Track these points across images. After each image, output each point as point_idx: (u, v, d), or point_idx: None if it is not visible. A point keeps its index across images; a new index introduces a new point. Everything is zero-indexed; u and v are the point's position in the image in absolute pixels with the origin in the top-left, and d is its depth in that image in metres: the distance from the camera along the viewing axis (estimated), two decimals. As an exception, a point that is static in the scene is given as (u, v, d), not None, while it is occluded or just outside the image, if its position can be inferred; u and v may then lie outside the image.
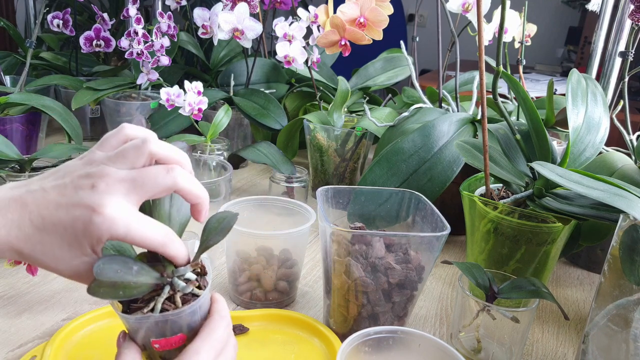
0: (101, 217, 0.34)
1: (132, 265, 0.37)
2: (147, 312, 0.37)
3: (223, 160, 0.80)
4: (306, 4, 1.26)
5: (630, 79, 0.81)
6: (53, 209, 0.35)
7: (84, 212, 0.35)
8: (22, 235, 0.35)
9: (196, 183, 0.40)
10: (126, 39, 1.07)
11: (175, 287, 0.39)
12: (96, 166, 0.37)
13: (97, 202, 0.35)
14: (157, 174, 0.37)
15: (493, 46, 0.78)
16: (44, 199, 0.36)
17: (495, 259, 0.65)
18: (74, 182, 0.36)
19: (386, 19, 0.89)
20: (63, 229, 0.35)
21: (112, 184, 0.36)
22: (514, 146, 0.67)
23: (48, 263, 0.36)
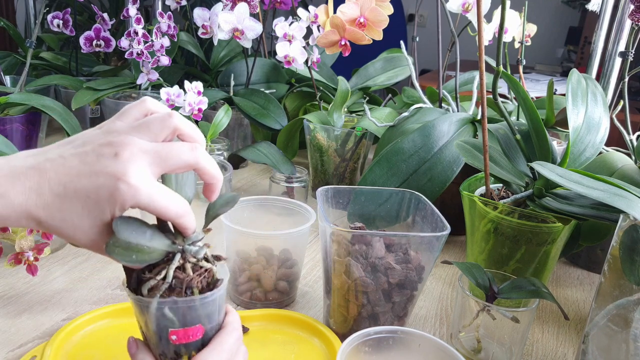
0: (126, 185, 0.35)
1: (146, 229, 0.38)
2: (159, 280, 0.38)
3: (223, 160, 0.80)
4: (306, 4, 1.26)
5: (630, 79, 0.81)
6: (74, 177, 0.35)
7: (108, 179, 0.35)
8: (41, 202, 0.35)
9: (214, 163, 0.41)
10: (126, 39, 1.07)
11: (186, 256, 0.39)
12: (118, 135, 0.37)
13: (122, 170, 0.35)
14: (182, 150, 0.38)
15: (493, 46, 0.78)
16: (63, 167, 0.35)
17: (495, 259, 0.65)
18: (95, 150, 0.36)
19: (386, 19, 0.89)
20: (85, 196, 0.35)
21: (136, 154, 0.36)
22: (514, 146, 0.67)
23: (66, 231, 0.36)
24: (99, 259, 0.75)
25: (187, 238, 0.40)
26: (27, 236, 0.65)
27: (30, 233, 0.65)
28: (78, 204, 0.35)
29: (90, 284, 0.69)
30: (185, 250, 0.39)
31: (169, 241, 0.39)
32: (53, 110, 0.96)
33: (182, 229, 0.39)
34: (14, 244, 0.65)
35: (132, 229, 0.37)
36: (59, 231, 0.36)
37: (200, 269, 0.40)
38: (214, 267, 0.41)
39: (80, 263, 0.74)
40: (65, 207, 0.35)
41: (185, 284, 0.39)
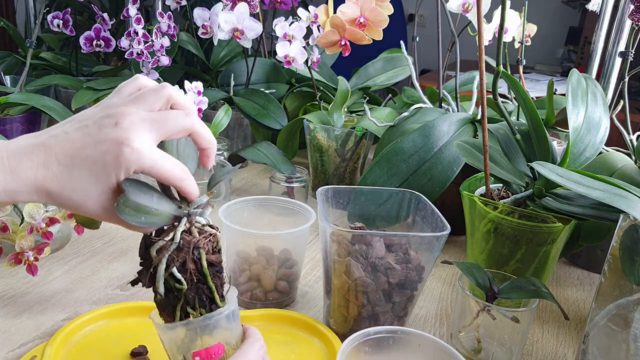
0: (130, 149, 0.37)
1: (153, 193, 0.40)
2: (168, 240, 0.40)
3: (223, 160, 0.80)
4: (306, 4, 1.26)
5: (630, 79, 0.81)
6: (79, 148, 0.37)
7: (112, 145, 0.37)
8: (49, 174, 0.37)
9: (207, 128, 0.43)
10: (126, 39, 1.06)
11: (192, 219, 0.41)
12: (116, 108, 0.39)
13: (124, 136, 0.37)
14: (178, 115, 0.40)
15: (493, 46, 0.78)
16: (67, 141, 0.38)
17: (495, 259, 0.65)
18: (96, 123, 0.38)
19: (386, 19, 0.89)
20: (92, 163, 0.37)
21: (136, 122, 0.38)
22: (514, 146, 0.67)
23: (76, 199, 0.38)
24: (99, 259, 0.75)
25: (191, 203, 0.42)
26: (27, 236, 0.65)
27: (30, 233, 0.65)
28: (85, 171, 0.37)
29: (90, 284, 0.69)
30: (190, 214, 0.41)
31: (175, 206, 0.41)
32: (53, 110, 0.96)
33: (185, 193, 0.41)
34: (14, 244, 0.65)
35: (141, 191, 0.39)
36: (70, 201, 0.38)
37: (205, 233, 0.42)
38: (218, 233, 0.43)
39: (80, 263, 0.74)
40: (73, 176, 0.37)
41: (193, 244, 0.40)
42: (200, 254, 0.41)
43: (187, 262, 0.40)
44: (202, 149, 0.44)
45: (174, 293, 0.41)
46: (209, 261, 0.42)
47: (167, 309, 0.42)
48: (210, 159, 0.45)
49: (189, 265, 0.41)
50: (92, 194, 0.38)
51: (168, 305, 0.41)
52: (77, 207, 0.38)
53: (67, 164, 0.37)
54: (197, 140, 0.43)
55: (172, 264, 0.40)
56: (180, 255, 0.40)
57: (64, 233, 0.77)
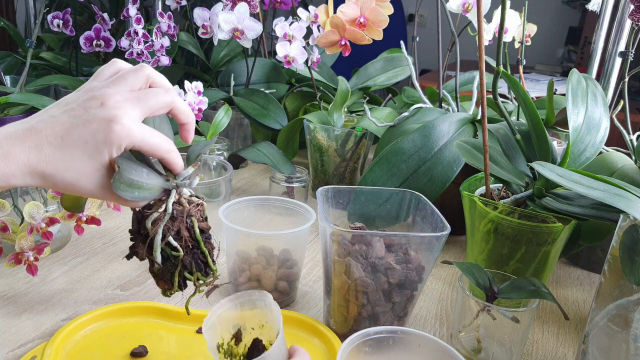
0: (119, 125, 0.39)
1: (143, 169, 0.42)
2: (161, 212, 0.42)
3: (223, 160, 0.80)
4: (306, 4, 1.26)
5: (630, 79, 0.81)
6: (69, 128, 0.38)
7: (101, 124, 0.38)
8: (42, 157, 0.38)
9: (186, 104, 0.45)
10: (126, 39, 1.07)
11: (180, 191, 0.44)
12: (99, 90, 0.40)
13: (113, 114, 0.39)
14: (159, 92, 0.42)
15: (493, 46, 0.78)
16: (57, 124, 0.39)
17: (495, 259, 0.65)
18: (81, 105, 0.39)
19: (386, 19, 0.89)
20: (84, 142, 0.38)
21: (120, 101, 0.40)
22: (514, 146, 0.67)
23: (70, 179, 0.39)
24: (99, 259, 0.75)
25: (178, 175, 0.44)
26: (27, 236, 0.65)
27: (30, 233, 0.65)
28: (77, 150, 0.39)
29: (90, 284, 0.69)
30: (179, 186, 0.44)
31: (163, 179, 0.43)
32: (53, 110, 0.96)
33: (171, 165, 0.43)
34: (14, 244, 0.65)
35: (132, 167, 0.41)
36: (64, 181, 0.39)
37: (193, 202, 0.44)
38: (204, 202, 0.45)
39: (80, 263, 0.74)
40: (66, 156, 0.38)
41: (186, 213, 0.43)
42: (192, 222, 0.44)
43: (181, 230, 0.43)
44: (183, 124, 0.46)
45: (171, 261, 0.43)
46: (200, 228, 0.44)
47: (165, 277, 0.44)
48: (190, 133, 0.46)
49: (184, 233, 0.43)
50: (86, 172, 0.39)
51: (166, 273, 0.44)
52: (71, 186, 0.39)
53: (59, 145, 0.38)
54: (177, 115, 0.45)
55: (167, 233, 0.42)
56: (174, 225, 0.43)
57: (64, 233, 0.77)
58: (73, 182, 0.39)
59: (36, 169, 0.38)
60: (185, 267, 0.44)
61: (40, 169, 0.38)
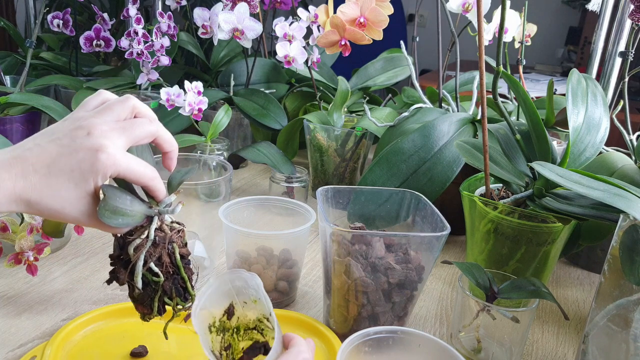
0: (105, 154, 0.40)
1: (126, 196, 0.43)
2: (143, 238, 0.43)
3: (223, 160, 0.80)
4: (306, 4, 1.26)
5: (630, 79, 0.81)
6: (55, 158, 0.39)
7: (87, 153, 0.39)
8: (28, 184, 0.39)
9: (169, 133, 0.46)
10: (126, 39, 1.07)
11: (162, 218, 0.45)
12: (85, 120, 0.41)
13: (99, 143, 0.40)
14: (144, 122, 0.43)
15: (493, 46, 0.78)
16: (43, 153, 0.39)
17: (495, 259, 0.65)
18: (68, 135, 0.40)
19: (386, 19, 0.89)
20: (70, 170, 0.39)
21: (106, 130, 0.41)
22: (514, 146, 0.67)
23: (55, 206, 0.40)
24: (99, 259, 0.75)
25: (160, 202, 0.45)
26: (27, 236, 0.65)
27: (30, 233, 0.65)
28: (63, 179, 0.39)
29: (90, 284, 0.69)
30: (161, 213, 0.44)
31: (145, 206, 0.44)
32: (53, 110, 0.96)
33: (154, 192, 0.44)
34: (14, 244, 0.65)
35: (117, 195, 0.42)
36: (50, 208, 0.40)
37: (175, 229, 0.45)
38: (184, 228, 0.46)
39: (80, 263, 0.74)
40: (52, 183, 0.39)
41: (167, 239, 0.44)
42: (173, 248, 0.44)
43: (162, 256, 0.44)
44: (166, 152, 0.47)
45: (152, 286, 0.44)
46: (180, 254, 0.45)
47: (145, 302, 0.45)
48: (173, 161, 0.47)
49: (165, 259, 0.44)
50: (71, 200, 0.40)
51: (146, 298, 0.44)
52: (56, 213, 0.40)
53: (45, 173, 0.39)
54: (161, 144, 0.46)
55: (149, 259, 0.43)
56: (156, 251, 0.43)
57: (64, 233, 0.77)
58: (58, 209, 0.40)
59: (22, 196, 0.38)
60: (166, 292, 0.45)
61: (26, 196, 0.39)
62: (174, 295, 0.45)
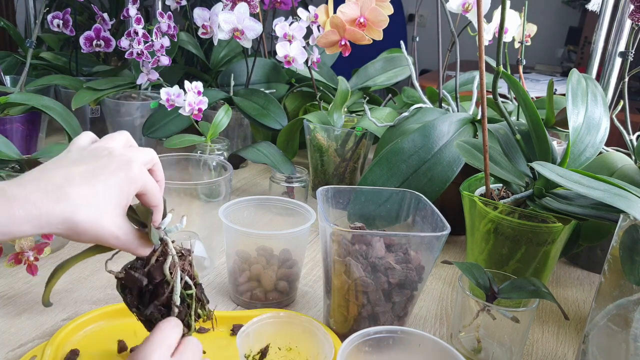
0: (137, 165, 0.41)
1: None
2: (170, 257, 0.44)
3: (223, 160, 0.80)
4: (306, 4, 1.26)
5: (630, 79, 0.81)
6: (92, 169, 0.40)
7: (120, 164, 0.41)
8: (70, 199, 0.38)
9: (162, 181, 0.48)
10: (126, 39, 1.07)
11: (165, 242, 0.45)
12: (94, 145, 0.43)
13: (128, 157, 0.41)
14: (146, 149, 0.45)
15: (493, 46, 0.78)
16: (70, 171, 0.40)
17: (495, 259, 0.65)
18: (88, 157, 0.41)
19: (386, 19, 0.89)
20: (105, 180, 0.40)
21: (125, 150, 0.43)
22: (514, 146, 0.67)
23: (94, 215, 0.39)
24: (99, 259, 0.75)
25: (160, 229, 0.45)
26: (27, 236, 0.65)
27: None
28: (103, 187, 0.40)
29: (90, 284, 0.69)
30: (167, 232, 0.45)
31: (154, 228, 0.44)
32: (53, 110, 0.96)
33: (159, 213, 0.45)
34: (14, 244, 0.65)
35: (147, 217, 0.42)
36: (89, 218, 0.39)
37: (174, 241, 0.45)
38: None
39: (80, 263, 0.73)
40: (92, 193, 0.39)
41: (184, 250, 0.45)
42: (191, 258, 0.45)
43: (185, 267, 0.44)
44: (154, 206, 0.46)
45: (186, 301, 0.44)
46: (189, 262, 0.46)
47: (184, 320, 0.44)
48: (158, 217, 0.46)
49: (187, 269, 0.45)
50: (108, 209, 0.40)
51: (184, 315, 0.44)
52: (93, 227, 0.39)
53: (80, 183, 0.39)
54: (149, 194, 0.44)
55: (183, 273, 0.44)
56: (184, 264, 0.44)
57: (64, 233, 0.77)
58: (97, 217, 0.39)
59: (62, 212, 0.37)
60: (200, 300, 0.45)
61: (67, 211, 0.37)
62: (204, 303, 0.46)
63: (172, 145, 0.94)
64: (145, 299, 0.44)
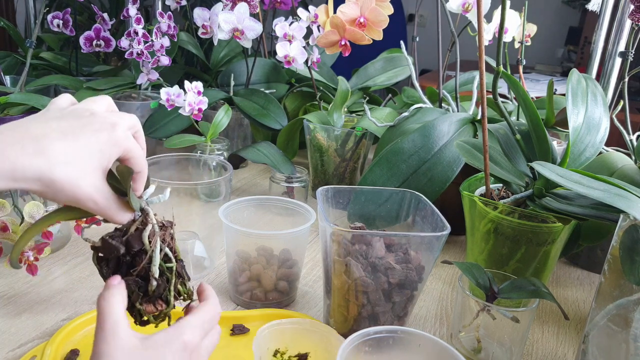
0: (121, 129, 0.39)
1: None
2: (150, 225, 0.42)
3: (223, 160, 0.80)
4: (306, 4, 1.26)
5: (630, 79, 0.81)
6: (75, 128, 0.38)
7: (104, 126, 0.39)
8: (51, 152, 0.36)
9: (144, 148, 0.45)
10: (126, 39, 1.07)
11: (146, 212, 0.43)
12: (78, 106, 0.41)
13: (112, 120, 0.39)
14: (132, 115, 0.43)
15: (493, 46, 0.78)
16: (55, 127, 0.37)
17: (495, 259, 0.65)
18: (70, 115, 0.39)
19: (386, 19, 0.89)
20: (87, 142, 0.38)
21: (108, 113, 0.41)
22: (514, 146, 0.67)
23: (75, 174, 0.37)
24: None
25: (141, 198, 0.43)
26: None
27: (30, 233, 0.65)
28: (85, 147, 0.37)
29: (90, 284, 0.69)
30: (147, 203, 0.43)
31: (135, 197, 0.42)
32: (53, 110, 0.96)
33: (142, 180, 0.42)
34: (14, 244, 0.65)
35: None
36: (69, 176, 0.37)
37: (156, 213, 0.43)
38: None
39: (80, 263, 0.74)
40: (74, 151, 0.37)
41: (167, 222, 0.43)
42: (173, 229, 0.43)
43: (166, 239, 0.42)
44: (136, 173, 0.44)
45: (166, 275, 0.42)
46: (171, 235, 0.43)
47: (162, 295, 0.42)
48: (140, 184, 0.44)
49: (168, 241, 0.42)
50: (88, 171, 0.37)
51: (162, 290, 0.42)
52: (72, 186, 0.37)
53: (63, 139, 0.37)
54: (134, 158, 0.43)
55: (162, 245, 0.41)
56: (165, 235, 0.42)
57: (64, 233, 0.77)
58: (77, 176, 0.36)
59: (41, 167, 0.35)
60: (180, 275, 0.43)
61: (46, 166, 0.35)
62: (185, 280, 0.44)
63: (172, 145, 0.94)
64: (122, 270, 0.42)
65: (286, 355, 0.55)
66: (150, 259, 0.41)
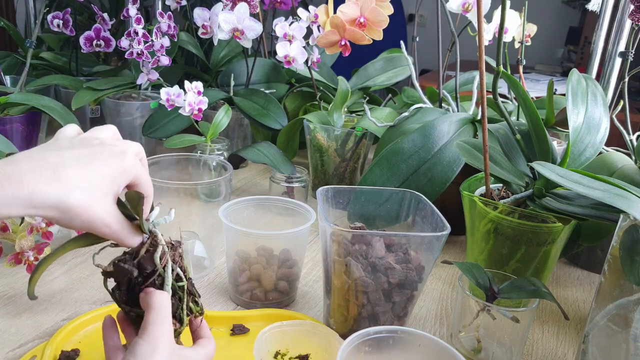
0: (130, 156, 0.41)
1: None
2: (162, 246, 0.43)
3: (223, 160, 0.80)
4: (306, 4, 1.26)
5: (630, 79, 0.81)
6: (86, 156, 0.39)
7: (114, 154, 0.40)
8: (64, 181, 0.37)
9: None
10: (126, 39, 1.07)
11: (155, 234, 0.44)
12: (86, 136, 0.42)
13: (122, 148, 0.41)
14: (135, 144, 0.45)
15: (493, 46, 0.78)
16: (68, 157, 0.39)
17: (495, 259, 0.65)
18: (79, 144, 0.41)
19: (386, 19, 0.89)
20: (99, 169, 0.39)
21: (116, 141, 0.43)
22: (514, 146, 0.67)
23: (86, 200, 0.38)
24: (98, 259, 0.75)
25: (148, 220, 0.44)
26: (27, 236, 0.65)
27: (31, 233, 0.65)
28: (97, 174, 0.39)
29: (90, 284, 0.69)
30: (155, 225, 0.44)
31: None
32: (53, 110, 0.96)
33: (148, 205, 0.44)
34: (14, 244, 0.65)
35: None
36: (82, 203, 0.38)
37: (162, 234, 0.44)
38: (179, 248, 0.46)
39: (80, 263, 0.74)
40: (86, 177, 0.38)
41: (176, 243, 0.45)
42: (182, 249, 0.44)
43: (178, 260, 0.43)
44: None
45: (178, 294, 0.43)
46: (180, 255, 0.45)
47: (176, 313, 0.43)
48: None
49: (178, 261, 0.44)
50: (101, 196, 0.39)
51: (175, 309, 0.43)
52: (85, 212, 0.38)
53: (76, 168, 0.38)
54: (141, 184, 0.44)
55: (174, 265, 0.43)
56: (175, 255, 0.43)
57: (64, 233, 0.77)
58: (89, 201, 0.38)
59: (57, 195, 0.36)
60: (192, 293, 0.45)
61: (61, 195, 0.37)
62: (196, 297, 0.45)
63: (172, 145, 0.94)
64: (135, 292, 0.43)
65: (287, 357, 0.55)
66: (163, 279, 0.42)
